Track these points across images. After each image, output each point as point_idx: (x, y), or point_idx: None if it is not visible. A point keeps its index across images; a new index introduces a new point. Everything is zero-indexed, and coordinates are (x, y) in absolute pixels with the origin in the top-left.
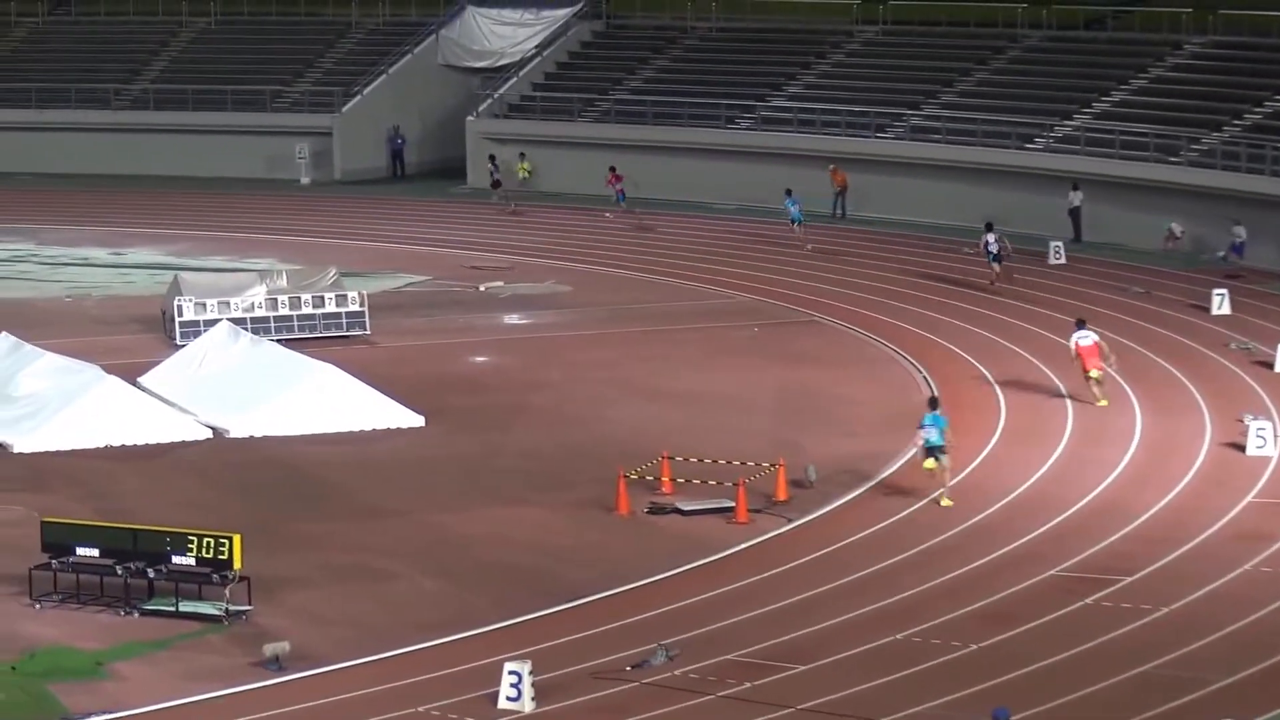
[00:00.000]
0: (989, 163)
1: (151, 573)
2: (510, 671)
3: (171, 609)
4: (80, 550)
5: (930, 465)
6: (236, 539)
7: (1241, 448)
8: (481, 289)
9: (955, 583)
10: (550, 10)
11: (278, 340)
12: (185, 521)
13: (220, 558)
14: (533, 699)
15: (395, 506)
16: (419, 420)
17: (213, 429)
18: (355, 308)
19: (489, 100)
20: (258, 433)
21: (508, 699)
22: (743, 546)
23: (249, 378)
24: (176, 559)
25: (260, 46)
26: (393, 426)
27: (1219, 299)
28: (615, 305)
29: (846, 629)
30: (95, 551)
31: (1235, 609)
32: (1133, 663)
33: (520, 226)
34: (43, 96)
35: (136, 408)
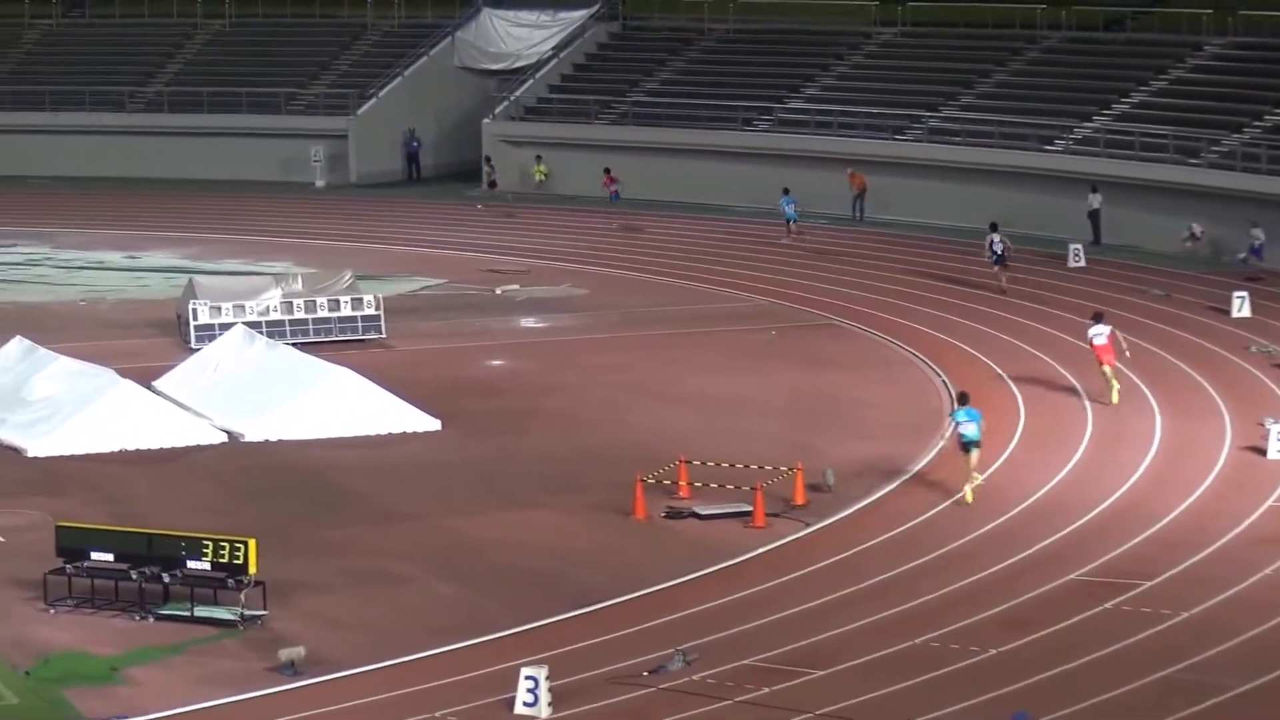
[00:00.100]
0: (1007, 165)
1: (166, 577)
2: (527, 676)
3: (186, 614)
4: (95, 555)
5: (971, 460)
6: (252, 543)
7: (1262, 451)
8: (498, 292)
9: (974, 587)
10: (566, 12)
11: (293, 344)
12: (200, 526)
13: (235, 562)
14: (549, 704)
15: (411, 510)
16: (435, 424)
17: (228, 433)
18: (371, 311)
19: (505, 103)
20: (273, 436)
21: (524, 704)
22: (760, 551)
23: (264, 381)
24: (191, 563)
25: (275, 49)
26: (408, 430)
27: (1239, 301)
28: (632, 308)
29: (865, 634)
30: (110, 556)
31: (1256, 613)
32: (1153, 667)
33: (537, 229)
34: (57, 99)
35: (151, 411)
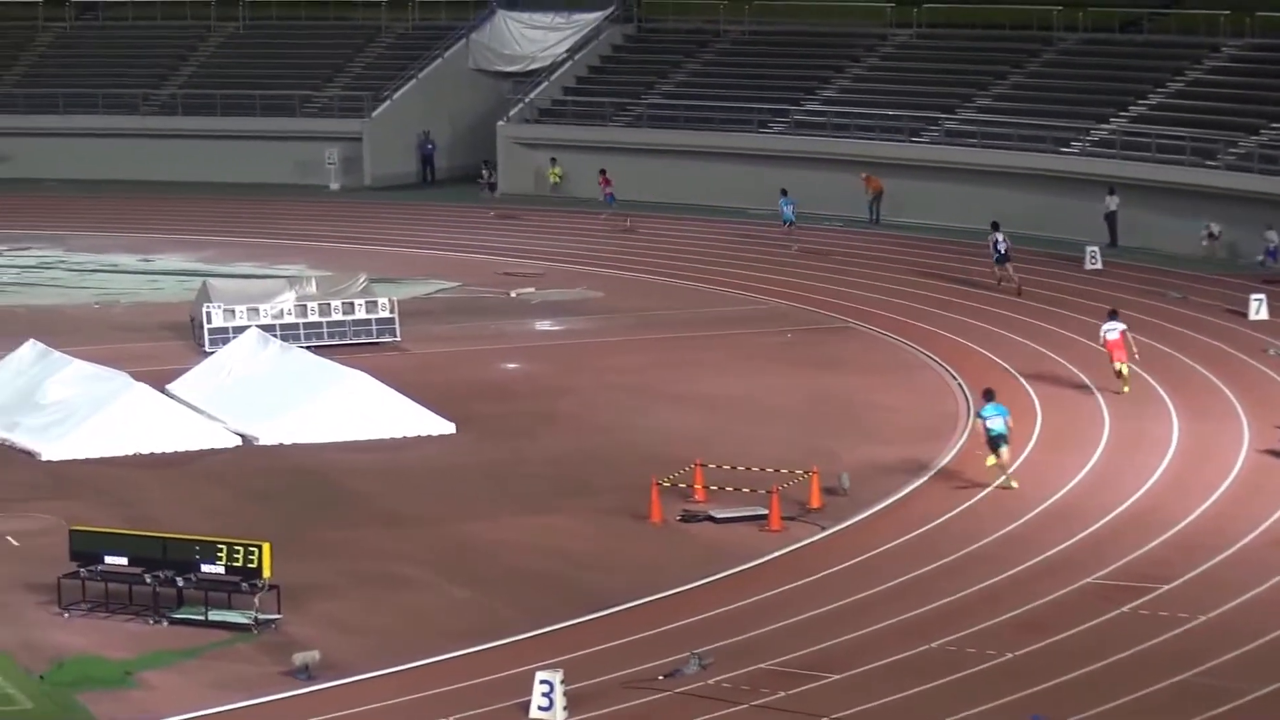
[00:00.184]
0: (1024, 167)
1: (180, 581)
2: (542, 681)
3: (200, 618)
4: (109, 559)
5: (993, 462)
6: (266, 547)
7: None
8: (513, 295)
9: (991, 590)
10: (581, 14)
11: (307, 347)
12: (214, 529)
13: (250, 566)
14: (564, 708)
15: (425, 514)
16: (449, 427)
17: (242, 436)
18: (385, 314)
19: (520, 105)
20: (287, 440)
21: (539, 709)
22: (776, 554)
23: (278, 385)
24: (206, 567)
25: (289, 51)
26: (423, 434)
27: (1257, 304)
28: (647, 311)
29: (881, 637)
30: (124, 560)
31: (1273, 617)
32: (1170, 671)
33: (551, 232)
34: (70, 102)
35: (165, 415)
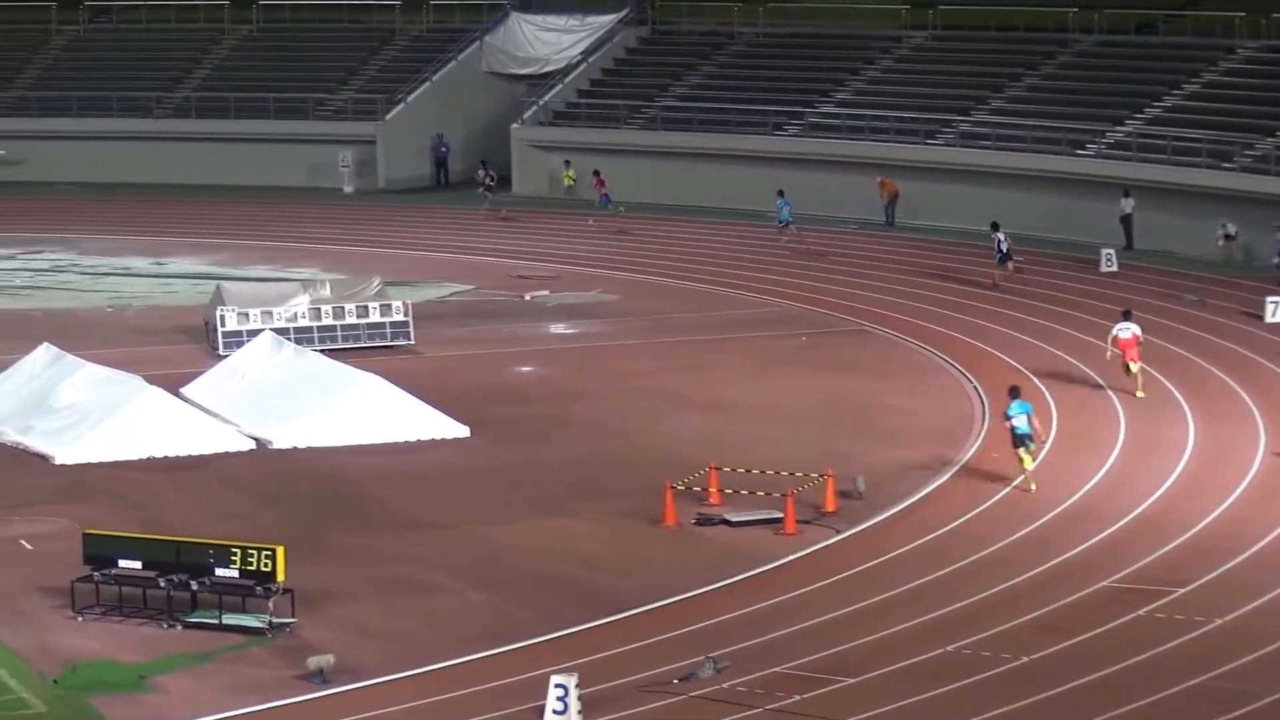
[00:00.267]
0: (1039, 169)
1: (194, 585)
2: (557, 684)
3: (215, 621)
4: (122, 562)
5: (1030, 465)
6: (280, 551)
7: None
8: (527, 298)
9: (1007, 593)
10: (595, 16)
11: (321, 350)
12: (228, 533)
13: (264, 570)
14: (579, 712)
15: (440, 518)
16: (464, 431)
17: (256, 440)
18: (399, 317)
19: (534, 108)
20: (301, 443)
21: (554, 712)
22: (791, 558)
23: (292, 388)
24: (220, 571)
25: (303, 54)
26: (437, 437)
27: (1273, 306)
28: (661, 314)
29: (896, 641)
30: (138, 564)
31: None
32: (1186, 675)
33: (565, 234)
34: (84, 105)
35: (179, 419)
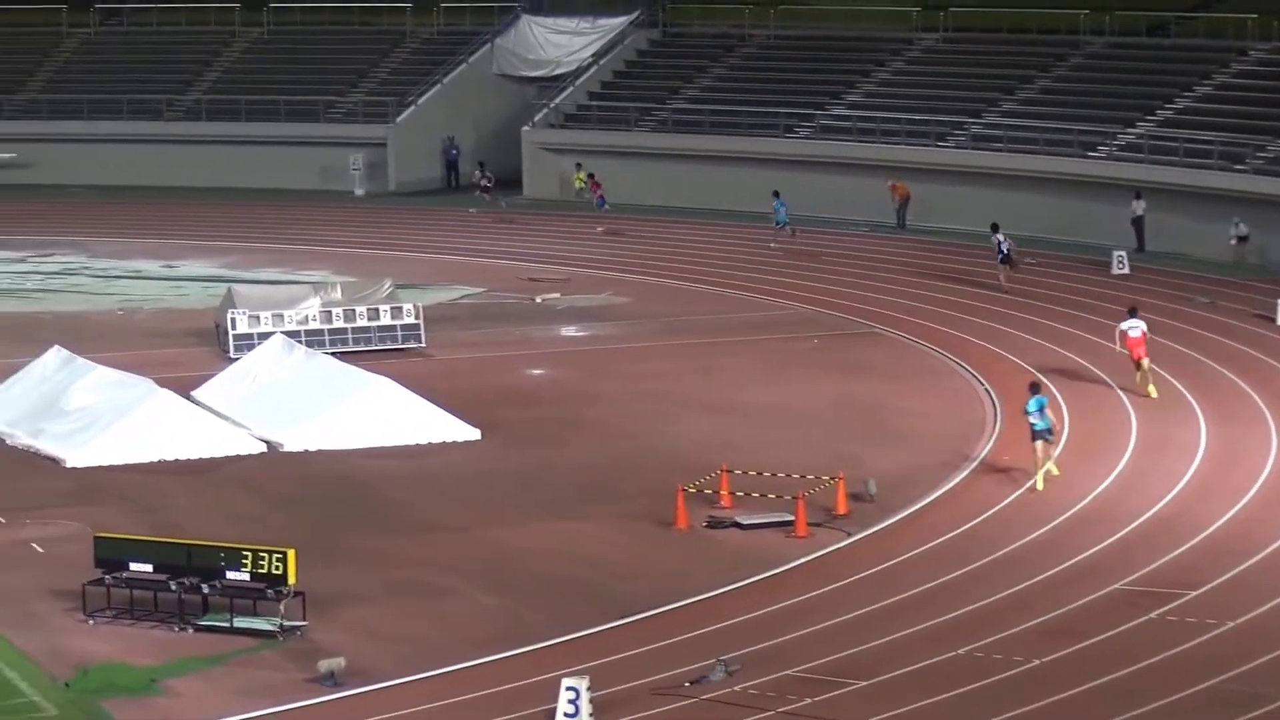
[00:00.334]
0: (1051, 171)
1: (206, 588)
2: (568, 687)
3: (226, 625)
4: (134, 565)
5: (1054, 472)
6: (291, 554)
7: None
8: (538, 300)
9: (1018, 596)
10: (606, 19)
11: (332, 353)
12: (239, 536)
13: (275, 573)
14: (590, 715)
15: (451, 521)
16: (475, 434)
17: (267, 443)
18: (410, 320)
19: (545, 110)
20: (312, 446)
21: (565, 715)
22: (802, 561)
23: (303, 391)
24: (231, 574)
25: (314, 57)
26: (448, 440)
27: None
28: (672, 317)
29: (908, 644)
30: (149, 567)
31: None
32: (1198, 678)
33: (576, 237)
34: (94, 108)
35: (190, 421)
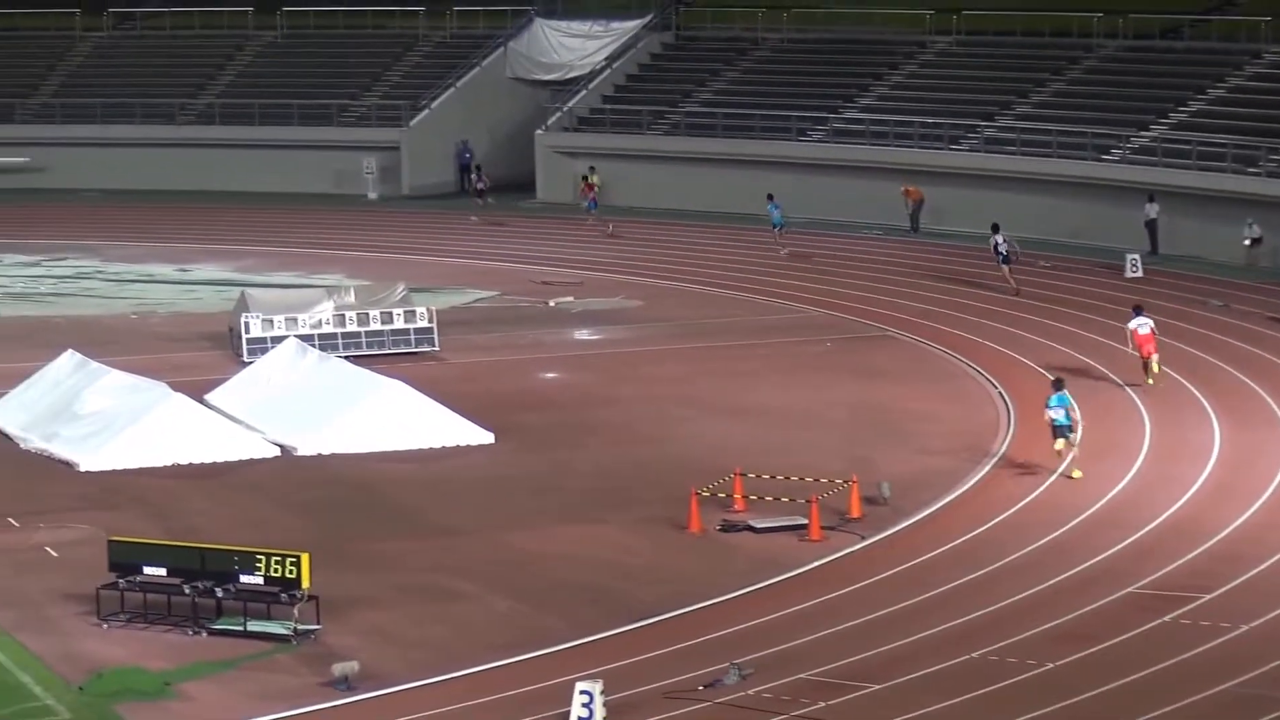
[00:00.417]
0: (1064, 174)
1: (219, 592)
2: (582, 691)
3: (239, 628)
4: (147, 569)
5: (1060, 446)
6: (305, 558)
7: None
8: (551, 304)
9: (1031, 600)
10: (619, 22)
11: (346, 357)
12: (253, 540)
13: (289, 577)
14: (604, 719)
15: (465, 525)
16: (489, 437)
17: (281, 447)
18: (424, 324)
19: (558, 113)
20: (326, 450)
21: (579, 719)
22: (816, 564)
23: (317, 395)
24: (244, 578)
25: (327, 60)
26: (462, 444)
27: None
28: (686, 320)
29: (922, 647)
30: (163, 570)
31: None
32: (1212, 681)
33: (590, 241)
34: (107, 112)
35: (203, 425)
